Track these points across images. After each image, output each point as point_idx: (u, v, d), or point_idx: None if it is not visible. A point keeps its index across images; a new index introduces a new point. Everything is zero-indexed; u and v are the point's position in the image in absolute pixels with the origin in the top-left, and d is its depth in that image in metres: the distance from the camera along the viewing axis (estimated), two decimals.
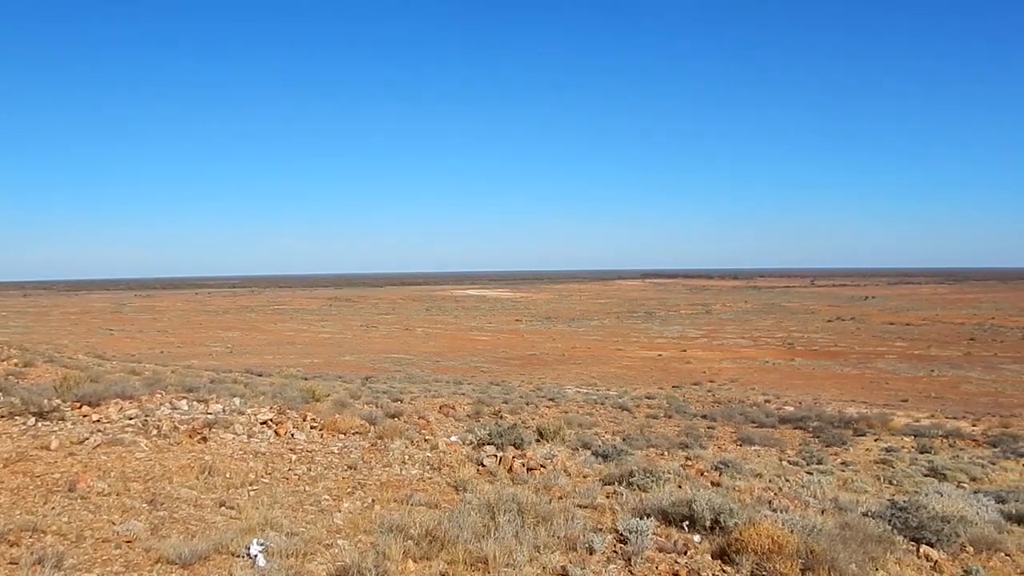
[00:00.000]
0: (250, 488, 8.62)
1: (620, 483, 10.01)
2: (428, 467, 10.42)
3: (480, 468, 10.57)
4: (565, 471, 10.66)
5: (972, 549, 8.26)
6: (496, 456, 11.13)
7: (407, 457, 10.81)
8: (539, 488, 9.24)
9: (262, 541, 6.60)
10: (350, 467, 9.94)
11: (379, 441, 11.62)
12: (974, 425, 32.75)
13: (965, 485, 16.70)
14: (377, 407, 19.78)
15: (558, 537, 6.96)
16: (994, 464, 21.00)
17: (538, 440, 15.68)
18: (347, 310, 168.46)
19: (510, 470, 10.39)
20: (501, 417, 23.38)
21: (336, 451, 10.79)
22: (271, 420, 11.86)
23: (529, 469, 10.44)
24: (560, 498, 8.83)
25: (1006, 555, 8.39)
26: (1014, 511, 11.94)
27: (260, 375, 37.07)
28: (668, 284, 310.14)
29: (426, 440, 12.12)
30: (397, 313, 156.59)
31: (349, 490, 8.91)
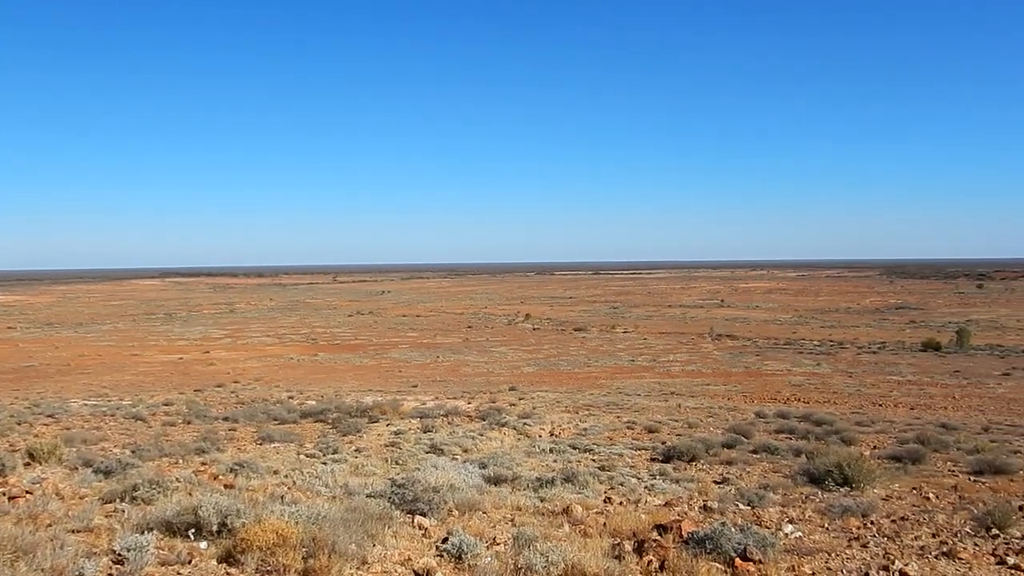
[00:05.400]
0: None
1: (123, 499, 9.46)
2: None
3: None
4: (57, 494, 9.71)
5: (457, 512, 9.50)
6: None
7: None
8: (23, 518, 8.26)
9: None
10: None
11: None
12: (469, 403, 36.96)
13: (458, 456, 18.99)
14: None
15: (42, 570, 6.32)
16: (482, 435, 24.11)
17: (28, 464, 14.05)
18: None
19: None
20: None
21: None
22: None
23: (12, 498, 9.30)
24: (49, 525, 8.02)
25: (483, 513, 9.83)
26: (492, 474, 14.06)
27: None
28: (190, 283, 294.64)
29: None
30: None
31: None
